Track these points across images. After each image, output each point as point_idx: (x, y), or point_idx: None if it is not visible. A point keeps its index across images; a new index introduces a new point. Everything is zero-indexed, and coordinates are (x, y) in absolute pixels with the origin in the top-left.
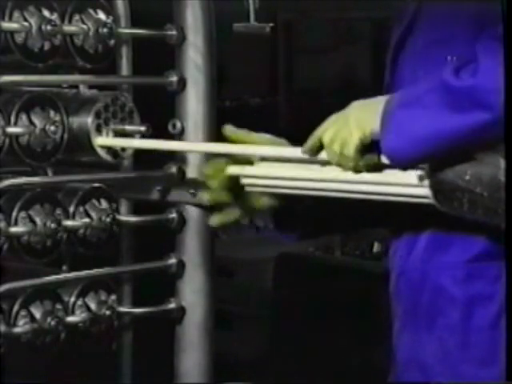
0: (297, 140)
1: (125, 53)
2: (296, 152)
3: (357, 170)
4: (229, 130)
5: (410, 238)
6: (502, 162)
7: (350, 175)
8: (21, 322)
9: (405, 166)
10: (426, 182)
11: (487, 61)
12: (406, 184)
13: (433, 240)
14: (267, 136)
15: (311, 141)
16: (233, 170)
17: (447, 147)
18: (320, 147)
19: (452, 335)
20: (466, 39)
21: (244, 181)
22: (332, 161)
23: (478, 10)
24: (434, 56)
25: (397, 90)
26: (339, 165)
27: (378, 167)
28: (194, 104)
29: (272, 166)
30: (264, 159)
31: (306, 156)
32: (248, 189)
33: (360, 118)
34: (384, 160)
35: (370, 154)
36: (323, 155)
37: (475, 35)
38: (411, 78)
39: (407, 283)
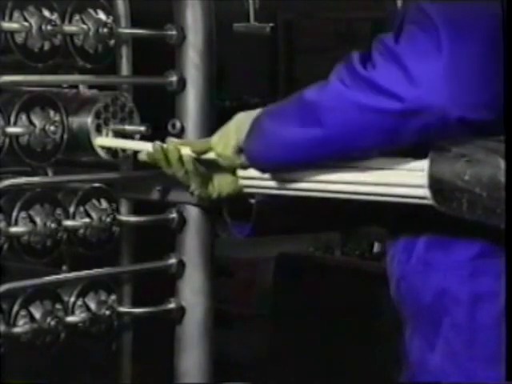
0: None
1: (125, 53)
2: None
3: (235, 168)
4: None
5: (408, 243)
6: (502, 163)
7: (348, 176)
8: (21, 322)
9: (262, 170)
10: (425, 183)
11: (333, 80)
12: (405, 185)
13: (432, 242)
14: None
15: (201, 145)
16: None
17: (302, 157)
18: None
19: (459, 335)
20: None
21: (243, 182)
22: (218, 161)
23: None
24: None
25: None
26: (223, 164)
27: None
28: (194, 104)
29: None
30: None
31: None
32: (247, 190)
33: (239, 124)
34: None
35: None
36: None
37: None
38: None
39: (409, 287)
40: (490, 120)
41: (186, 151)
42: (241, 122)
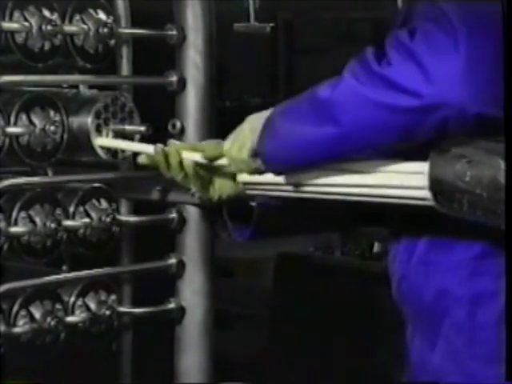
0: None
1: (125, 53)
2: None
3: (251, 173)
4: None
5: (410, 243)
6: (502, 163)
7: (349, 179)
8: (21, 322)
9: (277, 172)
10: (426, 184)
11: (347, 77)
12: (406, 186)
13: (433, 242)
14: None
15: (213, 150)
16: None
17: (316, 156)
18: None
19: (459, 334)
20: None
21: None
22: (231, 167)
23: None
24: None
25: None
26: (236, 170)
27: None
28: (194, 104)
29: None
30: None
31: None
32: (248, 192)
33: (253, 124)
34: None
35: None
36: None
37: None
38: None
39: (410, 287)
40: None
41: (187, 155)
42: (254, 124)
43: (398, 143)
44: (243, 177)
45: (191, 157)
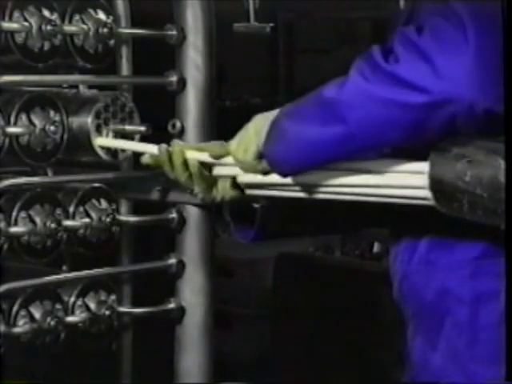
0: None
1: (125, 53)
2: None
3: (256, 174)
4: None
5: (410, 242)
6: (502, 163)
7: (349, 179)
8: (21, 322)
9: (284, 174)
10: (426, 184)
11: (354, 75)
12: (406, 186)
13: (435, 242)
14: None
15: (220, 150)
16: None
17: (325, 157)
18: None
19: (460, 335)
20: None
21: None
22: (239, 167)
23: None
24: None
25: None
26: (244, 170)
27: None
28: (194, 104)
29: None
30: None
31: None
32: (248, 192)
33: (258, 127)
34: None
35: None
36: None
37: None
38: None
39: (411, 287)
40: None
41: (192, 155)
42: (259, 126)
43: (406, 141)
44: (243, 177)
45: (197, 156)
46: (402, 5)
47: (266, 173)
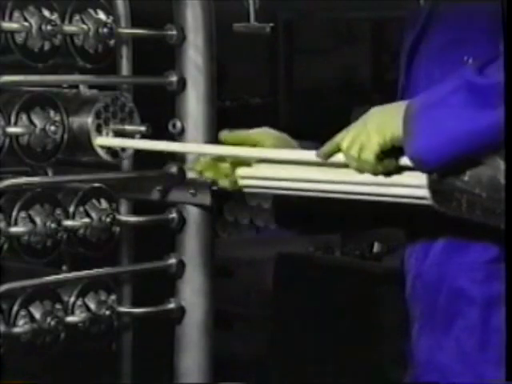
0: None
1: (125, 53)
2: (304, 155)
3: (376, 175)
4: (225, 134)
5: (427, 241)
6: (501, 163)
7: (348, 176)
8: (21, 322)
9: (433, 170)
10: (425, 183)
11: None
12: (405, 185)
13: (450, 243)
14: (268, 131)
15: (329, 146)
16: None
17: (478, 146)
18: (336, 152)
19: (471, 336)
20: (482, 38)
21: (243, 182)
22: (351, 165)
23: (495, 8)
24: (450, 57)
25: (413, 93)
26: (358, 169)
27: (396, 172)
28: (194, 104)
29: (271, 166)
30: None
31: (319, 159)
32: (247, 190)
33: (379, 123)
34: (404, 164)
35: (389, 158)
36: (337, 158)
37: (492, 34)
38: (427, 80)
39: (424, 285)
40: None
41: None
42: (380, 122)
43: None
44: (241, 170)
45: (301, 156)
46: (421, 3)
47: (388, 173)
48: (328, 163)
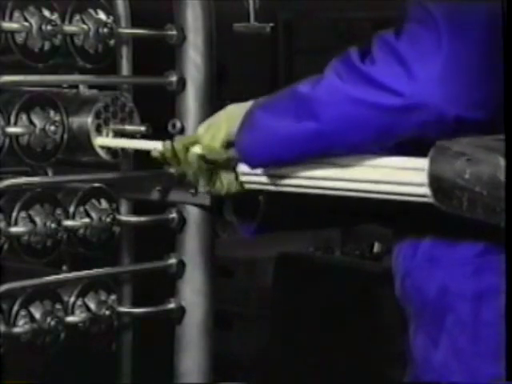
0: None
1: (125, 53)
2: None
3: (222, 164)
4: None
5: (414, 240)
6: (502, 161)
7: (348, 174)
8: (21, 322)
9: (255, 167)
10: (426, 181)
11: (329, 74)
12: (406, 183)
13: (438, 239)
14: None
15: (189, 136)
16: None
17: (297, 152)
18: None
19: (463, 331)
20: None
21: (243, 178)
22: (203, 153)
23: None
24: None
25: None
26: (208, 156)
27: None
28: (194, 104)
29: None
30: None
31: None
32: (248, 187)
33: (230, 114)
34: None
35: (233, 148)
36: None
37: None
38: None
39: (414, 283)
40: (486, 120)
41: (195, 149)
42: (232, 115)
43: (378, 142)
44: (243, 170)
45: (196, 150)
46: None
47: (230, 161)
48: (327, 161)
